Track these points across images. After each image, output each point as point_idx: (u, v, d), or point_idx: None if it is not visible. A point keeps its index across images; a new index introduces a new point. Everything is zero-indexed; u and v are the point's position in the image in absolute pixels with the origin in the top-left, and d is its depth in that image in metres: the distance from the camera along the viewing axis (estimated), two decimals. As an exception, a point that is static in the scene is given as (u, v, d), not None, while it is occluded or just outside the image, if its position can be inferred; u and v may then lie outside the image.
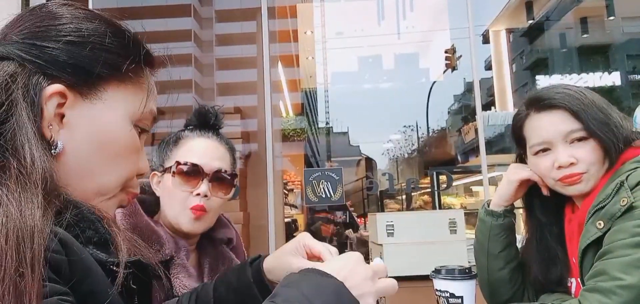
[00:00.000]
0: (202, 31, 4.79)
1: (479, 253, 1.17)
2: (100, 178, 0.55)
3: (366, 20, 10.63)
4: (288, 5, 5.68)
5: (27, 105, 0.49)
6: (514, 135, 1.13)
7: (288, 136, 7.24)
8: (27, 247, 0.39)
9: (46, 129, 0.50)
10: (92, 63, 0.53)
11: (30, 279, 0.38)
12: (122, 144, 0.56)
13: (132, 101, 0.57)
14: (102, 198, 0.55)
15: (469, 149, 7.21)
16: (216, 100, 4.66)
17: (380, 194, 6.30)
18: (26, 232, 0.40)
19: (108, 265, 0.47)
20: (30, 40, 0.52)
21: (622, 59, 12.50)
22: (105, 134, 0.54)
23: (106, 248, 0.48)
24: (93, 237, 0.48)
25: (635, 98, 10.67)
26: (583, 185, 0.99)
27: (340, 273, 0.60)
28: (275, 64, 4.92)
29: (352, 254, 0.66)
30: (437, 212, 4.36)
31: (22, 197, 0.43)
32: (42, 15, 0.54)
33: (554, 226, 1.09)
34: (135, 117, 0.58)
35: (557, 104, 1.00)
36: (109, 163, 0.55)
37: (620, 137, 0.96)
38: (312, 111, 11.94)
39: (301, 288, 0.56)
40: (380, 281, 0.65)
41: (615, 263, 0.85)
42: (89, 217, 0.49)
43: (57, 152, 0.51)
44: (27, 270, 0.39)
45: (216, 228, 1.15)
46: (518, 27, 11.84)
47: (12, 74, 0.49)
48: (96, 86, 0.54)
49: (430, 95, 10.67)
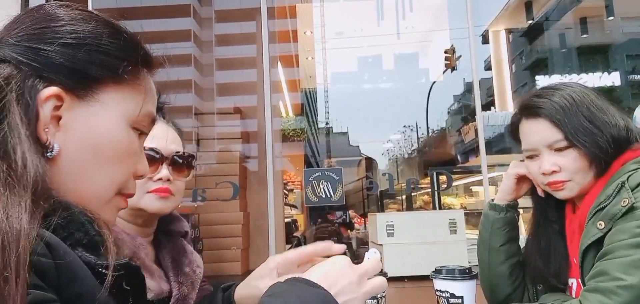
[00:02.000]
0: (201, 31, 4.79)
1: (481, 249, 1.18)
2: (96, 181, 0.54)
3: (366, 20, 10.64)
4: (288, 5, 5.68)
5: (20, 108, 0.48)
6: (512, 135, 1.16)
7: (288, 136, 7.25)
8: (12, 251, 0.39)
9: (42, 132, 0.50)
10: (88, 65, 0.53)
11: (15, 284, 0.38)
12: (119, 147, 0.55)
13: (129, 103, 0.56)
14: (98, 202, 0.54)
15: (468, 149, 7.22)
16: (216, 100, 4.65)
17: (380, 194, 6.30)
18: (12, 236, 0.40)
19: (97, 268, 0.46)
20: (27, 42, 0.51)
21: (622, 59, 12.51)
22: (102, 137, 0.54)
23: (96, 250, 0.47)
24: (82, 239, 0.47)
25: (635, 98, 10.68)
26: (566, 192, 1.01)
27: (326, 280, 0.60)
28: (275, 64, 4.92)
29: (337, 259, 0.66)
30: (437, 212, 4.35)
31: (10, 200, 0.42)
32: (39, 17, 0.54)
33: (556, 221, 1.09)
34: (133, 119, 0.57)
35: (540, 113, 1.02)
36: (104, 166, 0.54)
37: (605, 145, 0.95)
38: (312, 111, 11.95)
39: (286, 298, 0.55)
40: (369, 282, 0.65)
41: (616, 263, 0.85)
42: (78, 219, 0.48)
43: (53, 155, 0.50)
44: (11, 275, 0.38)
45: (172, 221, 1.13)
46: (518, 27, 11.86)
47: (7, 77, 0.49)
48: (92, 88, 0.53)
49: (430, 95, 10.69)
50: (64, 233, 0.46)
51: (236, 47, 4.84)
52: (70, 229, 0.47)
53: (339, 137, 12.49)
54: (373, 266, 0.67)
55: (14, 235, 0.40)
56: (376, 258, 0.69)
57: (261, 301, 0.56)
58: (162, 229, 1.10)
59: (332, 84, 11.35)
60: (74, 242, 0.46)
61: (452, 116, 15.00)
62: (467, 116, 11.75)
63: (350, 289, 0.62)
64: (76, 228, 0.47)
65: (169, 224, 1.12)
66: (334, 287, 0.60)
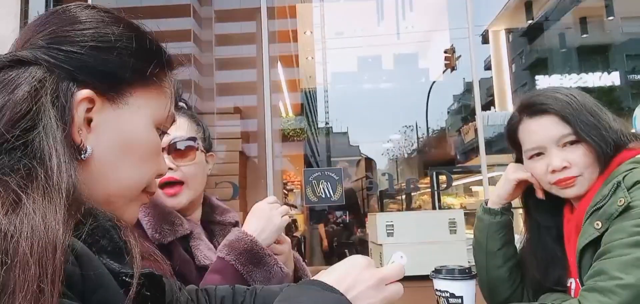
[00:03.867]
0: (201, 31, 4.79)
1: (478, 252, 1.18)
2: (124, 181, 0.55)
3: (366, 20, 10.64)
4: (288, 5, 5.68)
5: (56, 111, 0.48)
6: (509, 139, 1.15)
7: (288, 136, 7.25)
8: (49, 261, 0.39)
9: (76, 134, 0.50)
10: (120, 68, 0.53)
11: (50, 296, 0.38)
12: (146, 148, 0.56)
13: (156, 105, 0.58)
14: (125, 200, 0.55)
15: (468, 149, 7.22)
16: (216, 100, 4.65)
17: (380, 194, 6.31)
18: (49, 245, 0.40)
19: (121, 276, 0.46)
20: (57, 44, 0.51)
21: (622, 59, 12.51)
22: (131, 138, 0.55)
23: (120, 258, 0.48)
24: (107, 246, 0.47)
25: (635, 98, 10.67)
26: (577, 188, 1.00)
27: (343, 283, 0.58)
28: (275, 64, 4.92)
29: (357, 259, 0.63)
30: (437, 212, 4.36)
31: (48, 209, 0.42)
32: (66, 19, 0.54)
33: (552, 226, 1.09)
34: (159, 121, 0.58)
35: (547, 109, 1.02)
36: (133, 166, 0.55)
37: (610, 140, 0.97)
38: (312, 111, 11.94)
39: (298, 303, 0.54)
40: (388, 288, 0.62)
41: (614, 262, 0.85)
42: (104, 225, 0.48)
43: (87, 157, 0.50)
44: (47, 286, 0.38)
45: (222, 213, 1.18)
46: (517, 27, 11.85)
47: (41, 80, 0.48)
48: (123, 91, 0.54)
49: (429, 95, 10.68)
50: (90, 240, 0.46)
51: (236, 47, 4.84)
52: (97, 236, 0.47)
53: (339, 137, 12.49)
54: (396, 271, 0.63)
55: (51, 245, 0.40)
56: (400, 265, 0.65)
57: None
58: (213, 221, 1.15)
59: (332, 84, 11.34)
60: (99, 249, 0.46)
61: (452, 115, 15.00)
62: (466, 115, 11.76)
63: (368, 295, 0.59)
64: (102, 235, 0.47)
65: (218, 215, 1.17)
66: (351, 291, 0.58)
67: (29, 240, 0.39)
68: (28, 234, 0.39)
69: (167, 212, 1.03)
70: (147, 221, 1.00)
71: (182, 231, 1.03)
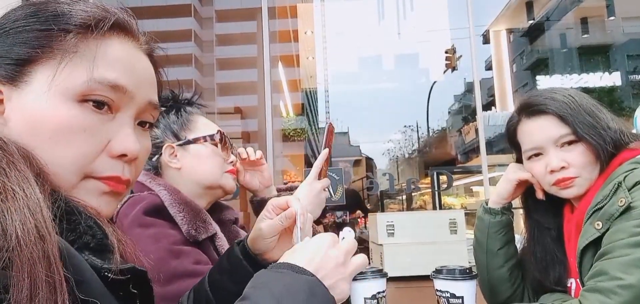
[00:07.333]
0: (202, 31, 4.80)
1: (478, 251, 1.18)
2: (50, 167, 0.49)
3: (366, 20, 10.65)
4: (288, 5, 5.68)
5: None
6: (509, 140, 1.15)
7: (288, 136, 7.25)
8: (54, 259, 0.39)
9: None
10: (15, 47, 0.51)
11: (58, 276, 0.38)
12: (58, 124, 0.50)
13: (68, 75, 0.50)
14: (65, 189, 0.50)
15: (469, 149, 7.21)
16: (216, 100, 4.66)
17: (381, 194, 6.30)
18: (51, 242, 0.40)
19: (103, 272, 0.45)
20: None
21: (623, 59, 12.51)
22: (36, 118, 0.50)
23: (103, 254, 0.47)
24: (90, 242, 0.46)
25: (636, 98, 10.66)
26: (576, 189, 1.01)
27: (312, 263, 0.60)
28: (276, 64, 4.92)
29: (323, 237, 0.65)
30: (437, 212, 4.35)
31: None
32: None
33: (552, 227, 1.09)
34: (77, 91, 0.50)
35: (545, 109, 1.02)
36: (49, 148, 0.49)
37: (609, 140, 0.97)
38: (313, 111, 11.95)
39: (271, 288, 0.54)
40: (353, 261, 0.65)
41: (615, 262, 0.85)
42: (86, 221, 0.47)
43: None
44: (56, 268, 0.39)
45: (223, 210, 1.21)
46: (518, 27, 11.85)
47: None
48: (23, 71, 0.50)
49: (430, 95, 10.69)
50: (73, 236, 0.45)
51: (237, 47, 4.85)
52: (79, 232, 0.46)
53: (339, 137, 12.49)
54: (353, 244, 0.68)
55: (53, 242, 0.40)
56: (352, 236, 0.70)
57: (245, 294, 0.55)
58: (216, 219, 1.16)
59: (333, 84, 11.35)
60: (82, 245, 0.46)
61: (453, 115, 15.00)
62: (467, 115, 11.75)
63: (337, 271, 0.62)
64: (84, 231, 0.46)
65: (220, 213, 1.19)
66: (321, 270, 0.60)
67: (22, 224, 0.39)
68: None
69: (199, 210, 1.06)
70: (183, 217, 1.01)
71: (212, 229, 1.06)
